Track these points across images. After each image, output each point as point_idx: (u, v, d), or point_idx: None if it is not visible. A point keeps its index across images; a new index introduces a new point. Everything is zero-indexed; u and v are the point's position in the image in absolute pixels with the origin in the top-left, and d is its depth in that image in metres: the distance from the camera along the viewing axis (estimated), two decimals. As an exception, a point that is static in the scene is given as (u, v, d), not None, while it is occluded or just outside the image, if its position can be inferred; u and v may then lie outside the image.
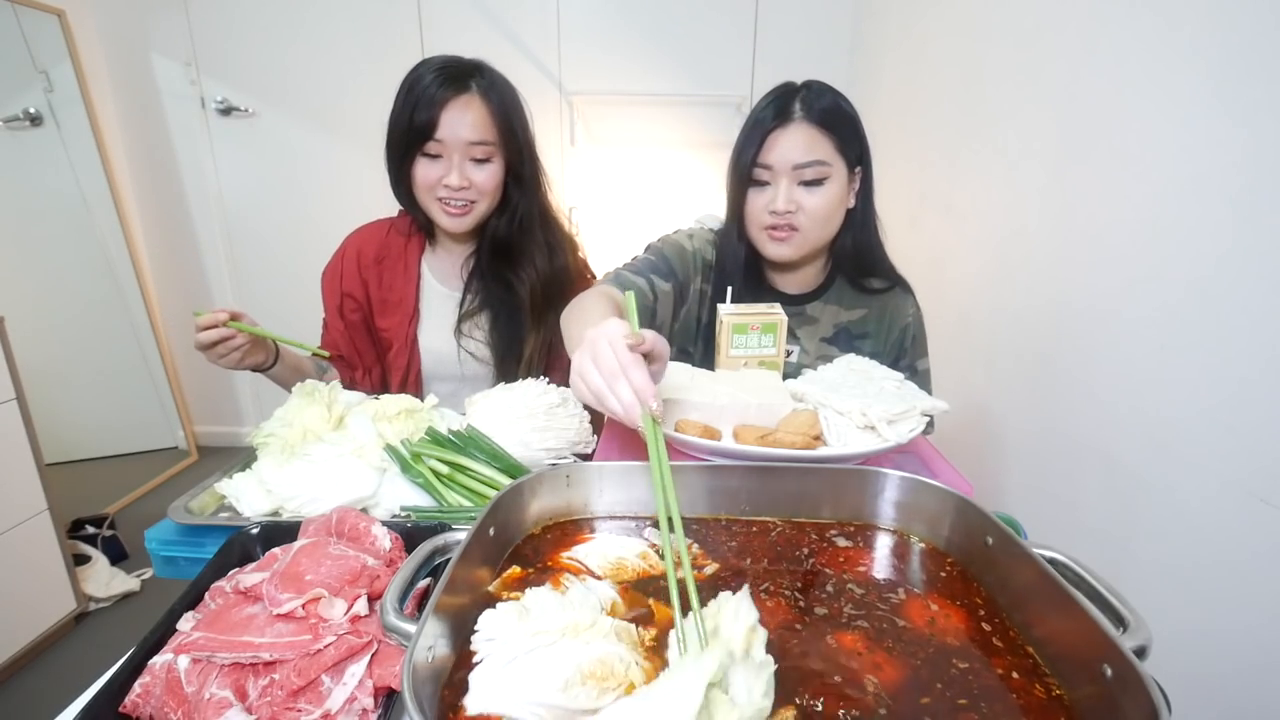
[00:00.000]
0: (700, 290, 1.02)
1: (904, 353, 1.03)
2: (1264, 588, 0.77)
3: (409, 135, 0.99)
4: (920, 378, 1.03)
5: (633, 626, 0.44)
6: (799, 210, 0.92)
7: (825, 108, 0.91)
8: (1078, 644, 0.40)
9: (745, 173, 0.94)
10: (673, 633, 0.42)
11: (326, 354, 1.11)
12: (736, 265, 0.99)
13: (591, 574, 0.52)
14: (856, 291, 1.03)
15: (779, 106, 0.92)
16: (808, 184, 0.91)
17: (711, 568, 0.53)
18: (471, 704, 0.38)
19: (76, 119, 2.18)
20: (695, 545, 0.56)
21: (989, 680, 0.41)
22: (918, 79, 1.76)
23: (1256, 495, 0.77)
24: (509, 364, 1.12)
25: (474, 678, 0.39)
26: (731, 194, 0.98)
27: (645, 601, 0.49)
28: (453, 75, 0.98)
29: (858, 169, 0.95)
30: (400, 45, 2.21)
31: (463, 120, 0.98)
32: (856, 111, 0.94)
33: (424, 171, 1.01)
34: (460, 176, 1.00)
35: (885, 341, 1.03)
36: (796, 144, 0.90)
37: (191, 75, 2.31)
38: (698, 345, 1.04)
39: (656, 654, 0.43)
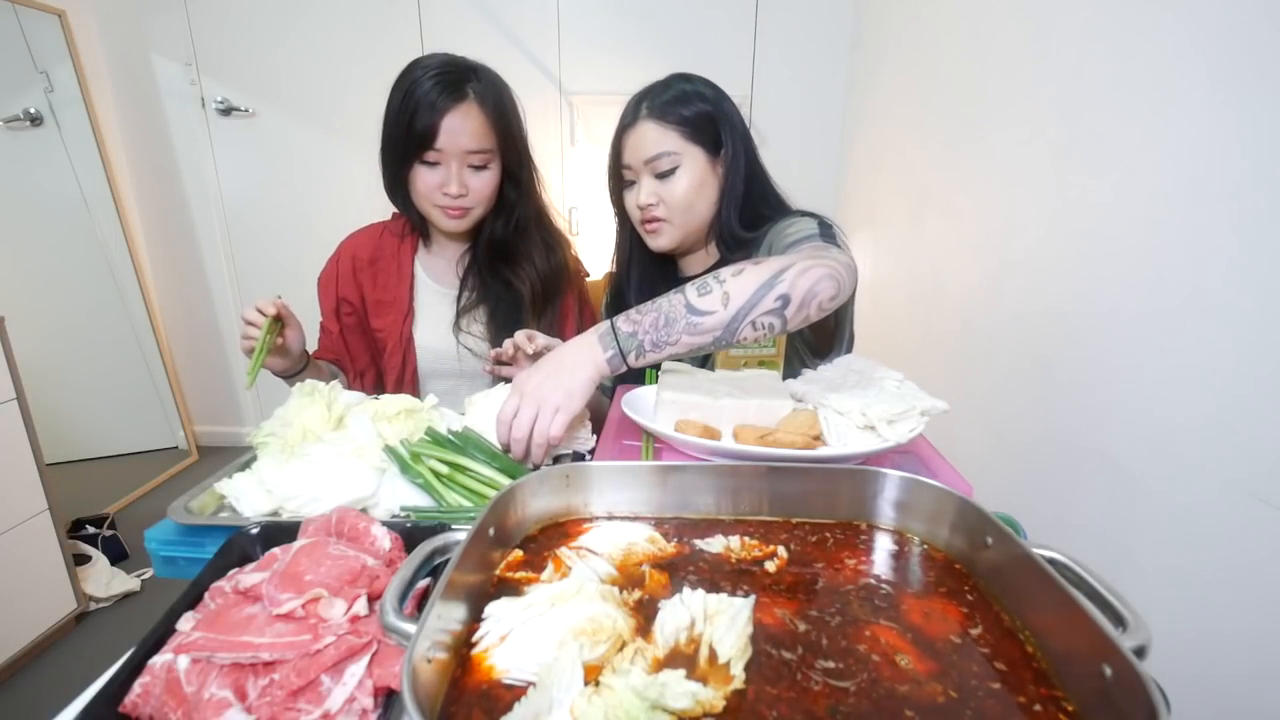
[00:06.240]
0: None
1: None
2: (1264, 588, 0.77)
3: (407, 142, 0.99)
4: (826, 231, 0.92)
5: (616, 589, 0.48)
6: (660, 202, 1.00)
7: (667, 104, 0.98)
8: (1077, 644, 0.40)
9: (615, 174, 1.05)
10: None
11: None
12: (638, 260, 1.10)
13: (593, 553, 0.53)
14: (751, 250, 1.03)
15: (629, 110, 1.01)
16: (663, 175, 0.99)
17: (775, 562, 0.54)
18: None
19: (76, 119, 2.18)
20: (747, 538, 0.57)
21: (987, 681, 0.41)
22: (918, 79, 1.76)
23: (1256, 496, 0.77)
24: None
25: (474, 656, 0.42)
26: (612, 197, 1.08)
27: (640, 572, 0.51)
28: (450, 81, 0.97)
29: (721, 152, 1.00)
30: (400, 45, 2.22)
31: (462, 130, 0.98)
32: (714, 103, 1.00)
33: (423, 179, 1.01)
34: (459, 185, 1.01)
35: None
36: (644, 140, 0.98)
37: (191, 75, 2.31)
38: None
39: (639, 611, 0.46)
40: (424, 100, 0.96)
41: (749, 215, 1.03)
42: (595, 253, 2.08)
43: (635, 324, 0.74)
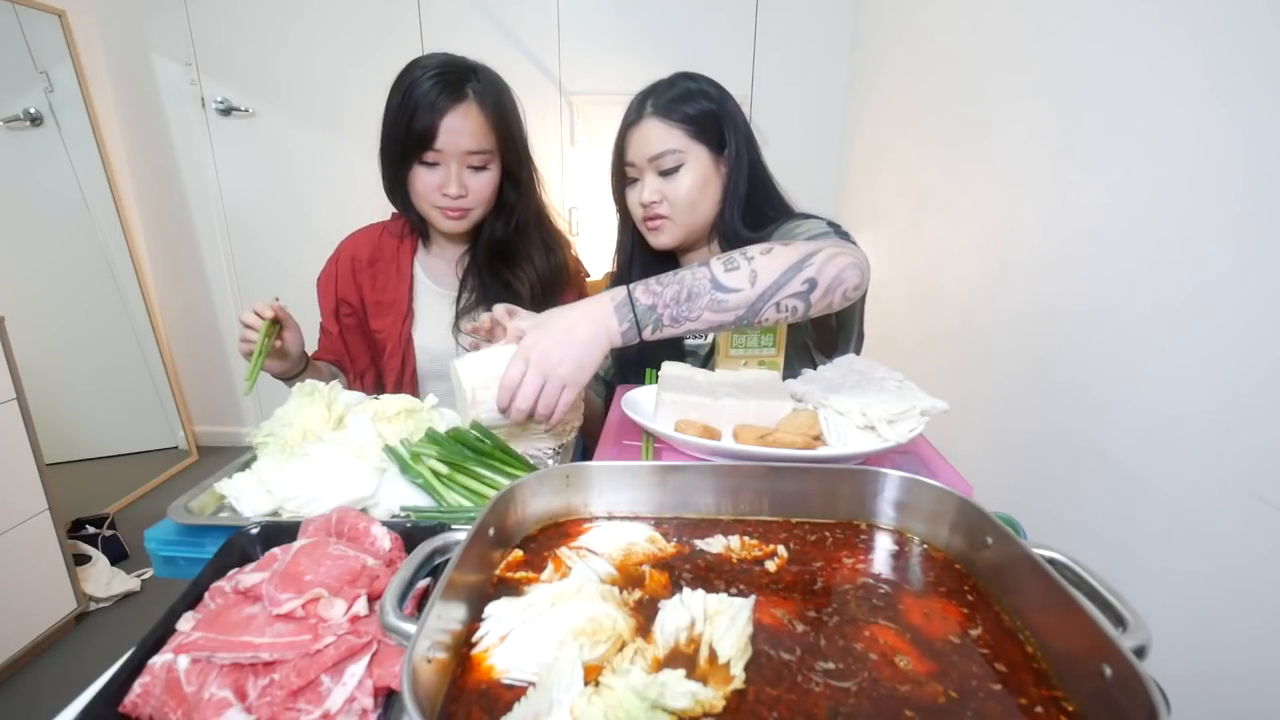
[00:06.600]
0: None
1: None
2: (1264, 588, 0.77)
3: (406, 143, 0.98)
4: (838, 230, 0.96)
5: (616, 589, 0.48)
6: (663, 200, 0.99)
7: (672, 102, 0.97)
8: (1077, 644, 0.40)
9: (618, 172, 1.04)
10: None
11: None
12: (639, 260, 1.11)
13: (593, 553, 0.53)
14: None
15: (634, 108, 1.00)
16: (667, 173, 0.98)
17: (775, 562, 0.54)
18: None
19: (76, 119, 2.18)
20: (747, 537, 0.56)
21: (987, 681, 0.41)
22: (918, 79, 1.76)
23: (1256, 496, 0.77)
24: None
25: (474, 655, 0.42)
26: (615, 194, 1.09)
27: (640, 572, 0.51)
28: (449, 81, 0.97)
29: (725, 151, 1.00)
30: (400, 45, 2.22)
31: (462, 130, 0.98)
32: (719, 102, 0.99)
33: (422, 179, 1.01)
34: (459, 185, 1.00)
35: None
36: (649, 138, 0.98)
37: (191, 75, 2.31)
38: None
39: (639, 611, 0.46)
40: (423, 100, 0.96)
41: (752, 216, 1.03)
42: (595, 253, 2.08)
43: (655, 296, 0.71)
